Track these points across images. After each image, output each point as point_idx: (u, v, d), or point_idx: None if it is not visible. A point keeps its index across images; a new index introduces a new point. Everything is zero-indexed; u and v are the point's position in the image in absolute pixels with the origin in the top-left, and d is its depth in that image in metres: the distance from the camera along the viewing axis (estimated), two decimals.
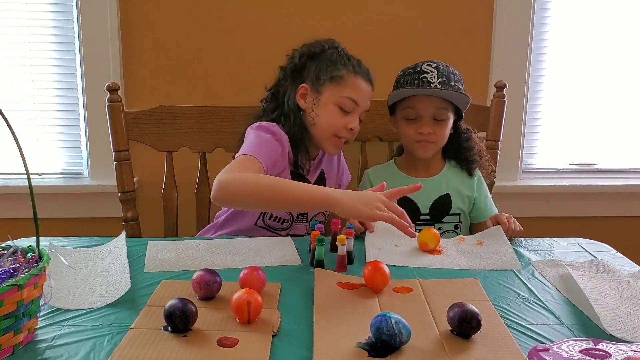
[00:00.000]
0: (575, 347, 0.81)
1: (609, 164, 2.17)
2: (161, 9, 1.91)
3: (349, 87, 1.41)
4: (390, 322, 0.82)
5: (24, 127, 1.96)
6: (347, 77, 1.41)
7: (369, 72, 1.46)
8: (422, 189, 1.44)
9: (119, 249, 1.19)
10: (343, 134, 1.42)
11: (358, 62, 1.46)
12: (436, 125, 1.46)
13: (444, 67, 1.46)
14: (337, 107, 1.41)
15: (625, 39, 2.06)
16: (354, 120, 1.42)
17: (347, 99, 1.40)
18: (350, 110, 1.41)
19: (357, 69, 1.43)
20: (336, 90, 1.41)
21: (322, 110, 1.42)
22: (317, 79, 1.43)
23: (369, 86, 1.45)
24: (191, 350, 0.82)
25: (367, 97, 1.44)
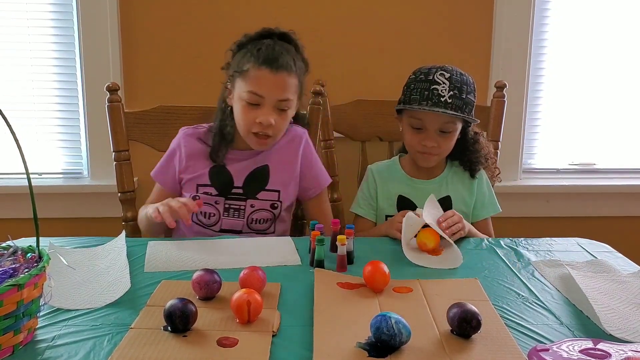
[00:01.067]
0: (575, 347, 0.81)
1: (609, 164, 2.17)
2: (161, 9, 1.91)
3: (252, 80, 1.35)
4: (390, 322, 0.82)
5: (24, 127, 1.96)
6: (251, 70, 1.35)
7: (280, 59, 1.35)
8: (423, 191, 1.48)
9: (119, 249, 1.19)
10: (256, 129, 1.38)
11: (269, 52, 1.36)
12: (441, 137, 1.42)
13: (457, 76, 1.40)
14: (245, 101, 1.37)
15: (625, 39, 2.06)
16: (262, 114, 1.35)
17: (250, 93, 1.35)
18: (257, 103, 1.36)
19: (263, 59, 1.34)
20: (242, 85, 1.37)
21: (235, 105, 1.41)
22: (231, 75, 1.41)
23: (280, 75, 1.35)
24: (191, 350, 0.82)
25: (275, 87, 1.36)
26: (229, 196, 1.46)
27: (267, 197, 1.47)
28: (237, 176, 1.46)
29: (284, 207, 1.49)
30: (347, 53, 1.97)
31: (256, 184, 1.47)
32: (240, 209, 1.47)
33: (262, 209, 1.47)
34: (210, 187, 1.46)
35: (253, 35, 1.42)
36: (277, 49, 1.37)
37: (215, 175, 1.46)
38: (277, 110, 1.38)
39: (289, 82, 1.37)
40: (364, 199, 1.55)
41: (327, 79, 1.72)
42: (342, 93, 1.78)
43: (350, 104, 1.76)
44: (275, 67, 1.35)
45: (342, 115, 1.75)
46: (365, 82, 1.96)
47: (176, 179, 1.49)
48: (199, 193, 1.46)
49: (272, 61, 1.35)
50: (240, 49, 1.42)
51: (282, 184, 1.48)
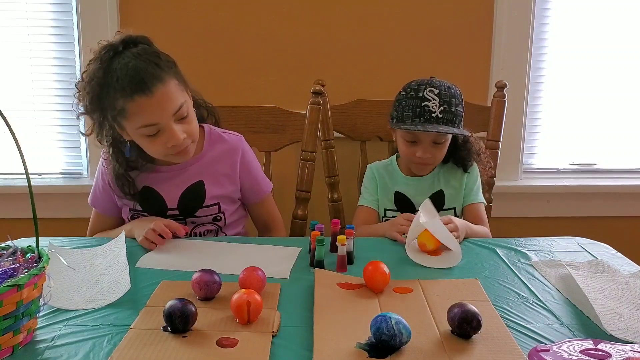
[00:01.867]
0: (575, 347, 0.81)
1: (609, 164, 2.17)
2: (161, 9, 1.91)
3: (135, 117, 1.21)
4: (390, 323, 0.82)
5: (24, 127, 1.96)
6: (126, 107, 1.20)
7: (148, 75, 1.20)
8: (417, 187, 1.54)
9: (119, 249, 1.19)
10: (171, 152, 1.28)
11: (131, 77, 1.19)
12: (435, 148, 1.47)
13: (445, 90, 1.43)
14: (144, 136, 1.25)
15: (626, 39, 2.06)
16: (169, 138, 1.24)
17: (144, 127, 1.23)
18: (157, 131, 1.24)
19: (131, 88, 1.19)
20: (129, 123, 1.24)
21: (139, 142, 1.28)
22: (112, 119, 1.25)
23: (158, 93, 1.20)
24: (191, 351, 0.82)
25: (160, 107, 1.22)
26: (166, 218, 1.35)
27: (206, 212, 1.39)
28: (170, 198, 1.37)
29: (228, 215, 1.43)
30: (347, 53, 1.97)
31: (192, 202, 1.38)
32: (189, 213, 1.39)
33: (204, 223, 1.40)
34: (143, 213, 1.38)
35: (100, 63, 1.22)
36: (133, 65, 1.20)
37: (146, 199, 1.37)
38: (180, 121, 1.26)
39: (169, 91, 1.23)
40: (368, 193, 1.59)
41: (327, 79, 1.72)
42: (342, 93, 1.78)
43: (350, 104, 1.76)
44: (147, 88, 1.19)
45: (342, 115, 1.75)
46: (365, 82, 1.96)
47: (113, 202, 1.41)
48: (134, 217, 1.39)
49: (139, 85, 1.19)
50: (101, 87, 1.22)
51: (220, 197, 1.40)
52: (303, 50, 1.95)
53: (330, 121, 1.72)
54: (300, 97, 1.67)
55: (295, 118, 1.65)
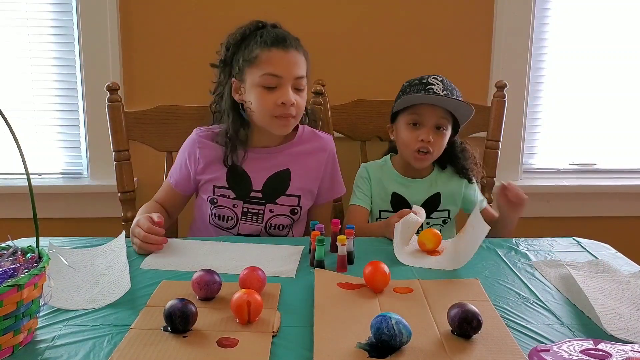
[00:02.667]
0: (575, 347, 0.81)
1: (609, 164, 2.17)
2: (161, 9, 1.91)
3: (264, 64, 1.34)
4: (390, 323, 0.82)
5: (24, 127, 1.96)
6: (261, 54, 1.34)
7: (288, 39, 1.36)
8: (415, 188, 1.56)
9: (119, 249, 1.19)
10: (278, 112, 1.35)
11: (275, 34, 1.37)
12: (436, 134, 1.49)
13: (447, 82, 1.49)
14: (261, 87, 1.35)
15: (626, 39, 2.06)
16: (283, 94, 1.34)
17: (266, 75, 1.34)
18: (275, 85, 1.34)
19: (271, 41, 1.35)
20: (254, 71, 1.35)
21: (251, 95, 1.37)
22: (239, 68, 1.38)
23: (291, 53, 1.36)
24: (191, 351, 0.82)
25: (290, 64, 1.35)
26: (247, 200, 1.43)
27: (286, 202, 1.45)
28: (256, 179, 1.43)
29: (303, 212, 1.48)
30: (347, 53, 1.97)
31: (276, 188, 1.44)
32: (258, 213, 1.44)
33: (281, 214, 1.45)
34: (228, 190, 1.43)
35: (247, 27, 1.41)
36: (279, 30, 1.39)
37: (233, 178, 1.43)
38: (295, 90, 1.37)
39: (300, 59, 1.38)
40: (361, 191, 1.58)
41: (327, 79, 1.72)
42: (342, 93, 1.78)
43: (350, 104, 1.76)
44: (286, 45, 1.35)
45: (342, 115, 1.75)
46: (365, 82, 1.96)
47: (191, 181, 1.47)
48: (216, 195, 1.44)
49: (280, 41, 1.35)
50: (240, 43, 1.39)
51: (302, 189, 1.46)
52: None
53: (330, 121, 1.72)
54: None
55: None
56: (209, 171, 1.44)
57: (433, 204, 1.56)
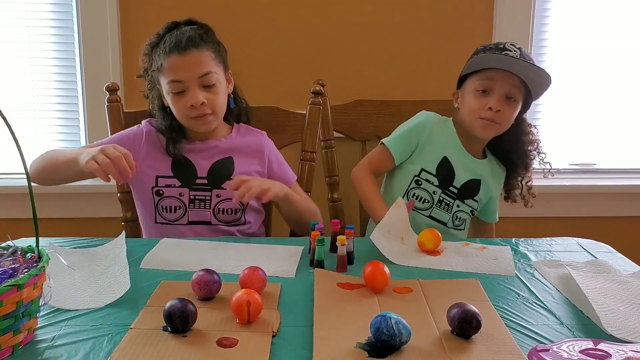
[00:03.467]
0: (575, 347, 0.81)
1: (609, 164, 2.17)
2: (161, 9, 1.91)
3: (167, 71, 1.38)
4: (390, 323, 0.82)
5: (24, 127, 1.96)
6: (164, 63, 1.38)
7: (189, 39, 1.37)
8: (466, 162, 1.49)
9: (119, 249, 1.19)
10: (192, 114, 1.39)
11: (175, 38, 1.37)
12: (507, 104, 1.41)
13: (526, 52, 1.41)
14: (171, 93, 1.39)
15: (626, 39, 2.06)
16: (190, 97, 1.37)
17: (171, 83, 1.38)
18: (182, 89, 1.38)
19: (169, 47, 1.37)
20: (163, 79, 1.40)
21: (168, 102, 1.42)
22: (153, 77, 1.44)
23: (190, 55, 1.36)
24: (191, 351, 0.82)
25: (189, 67, 1.37)
26: (193, 187, 1.45)
27: None
28: (200, 167, 1.46)
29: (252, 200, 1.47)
30: (347, 53, 1.97)
31: (221, 173, 1.46)
32: (205, 199, 1.46)
33: (228, 198, 1.45)
34: (173, 179, 1.45)
35: (161, 32, 1.44)
36: (180, 32, 1.39)
37: (177, 167, 1.45)
38: (204, 89, 1.39)
39: (201, 56, 1.38)
40: (405, 140, 1.51)
41: (327, 79, 1.72)
42: (342, 93, 1.78)
43: (350, 104, 1.76)
44: (182, 47, 1.36)
45: (342, 115, 1.75)
46: (365, 82, 1.96)
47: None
48: (160, 186, 1.45)
49: (177, 44, 1.36)
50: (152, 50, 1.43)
51: (248, 173, 1.46)
52: (303, 50, 1.95)
53: (330, 121, 1.72)
54: (300, 97, 1.67)
55: (295, 118, 1.65)
56: (152, 158, 1.46)
57: (472, 189, 1.49)
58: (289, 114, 1.66)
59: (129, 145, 1.42)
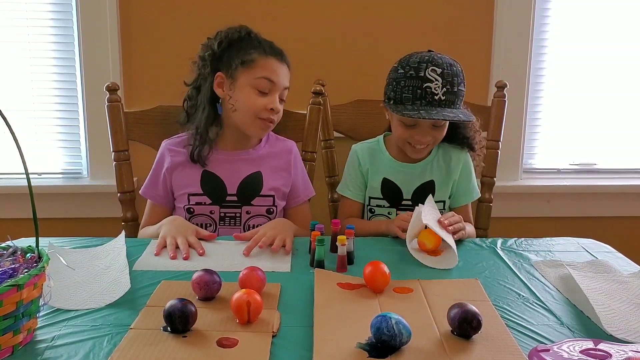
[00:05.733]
0: (575, 347, 0.81)
1: (609, 164, 2.17)
2: (161, 9, 1.91)
3: (261, 68, 1.40)
4: (390, 323, 0.82)
5: (24, 127, 1.96)
6: (258, 59, 1.41)
7: (283, 52, 1.45)
8: (408, 174, 1.50)
9: (119, 249, 1.19)
10: (265, 115, 1.41)
11: (270, 44, 1.45)
12: (435, 130, 1.41)
13: (447, 69, 1.36)
14: (254, 89, 1.40)
15: (626, 39, 2.06)
16: (273, 100, 1.41)
17: (262, 79, 1.40)
18: (268, 90, 1.41)
19: (268, 50, 1.43)
20: (250, 73, 1.40)
21: (240, 94, 1.41)
22: (230, 66, 1.42)
23: (284, 66, 1.44)
24: (191, 351, 0.82)
25: (282, 75, 1.43)
26: (224, 204, 1.45)
27: (262, 202, 1.47)
28: (230, 183, 1.45)
29: (279, 211, 1.50)
30: (347, 53, 1.97)
31: (250, 190, 1.46)
32: (236, 216, 1.46)
33: (258, 214, 1.47)
34: (203, 197, 1.45)
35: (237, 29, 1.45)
36: (275, 44, 1.45)
37: (207, 183, 1.45)
38: (279, 100, 1.44)
39: (288, 72, 1.46)
40: (353, 181, 1.54)
41: (327, 79, 1.72)
42: (342, 93, 1.78)
43: (350, 104, 1.76)
44: (281, 57, 1.44)
45: (342, 115, 1.75)
46: (365, 82, 1.96)
47: (168, 192, 1.48)
48: (191, 204, 1.44)
49: (278, 52, 1.44)
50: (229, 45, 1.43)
51: (275, 189, 1.48)
52: (303, 50, 1.95)
53: (330, 121, 1.72)
54: (300, 97, 1.67)
55: (295, 118, 1.65)
56: (182, 177, 1.45)
57: (426, 193, 1.46)
58: (289, 114, 1.65)
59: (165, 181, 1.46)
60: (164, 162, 1.48)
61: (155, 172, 1.49)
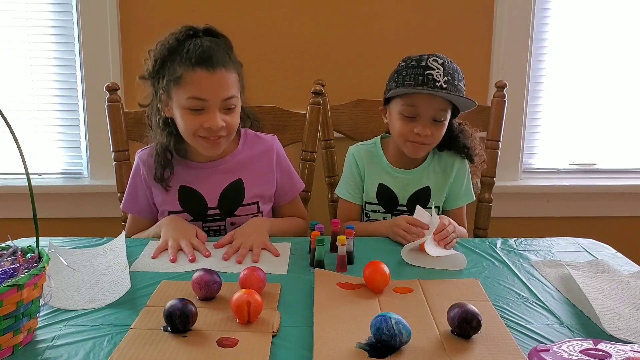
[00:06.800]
0: (575, 347, 0.81)
1: (609, 164, 2.17)
2: (161, 9, 1.91)
3: (189, 85, 1.25)
4: (390, 323, 0.82)
5: (24, 127, 1.96)
6: (185, 75, 1.25)
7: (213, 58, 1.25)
8: (404, 180, 1.49)
9: (119, 249, 1.19)
10: (204, 134, 1.28)
11: (202, 50, 1.25)
12: (434, 126, 1.40)
13: (449, 63, 1.38)
14: (187, 109, 1.27)
15: (625, 39, 2.06)
16: (209, 119, 1.26)
17: (191, 99, 1.25)
18: (202, 107, 1.26)
19: (196, 60, 1.24)
20: (180, 92, 1.27)
21: (177, 114, 1.30)
22: (166, 85, 1.29)
23: (218, 74, 1.26)
24: (191, 351, 0.82)
25: (216, 87, 1.26)
26: (206, 219, 1.39)
27: (246, 211, 1.41)
28: (210, 196, 1.38)
29: (266, 215, 1.45)
30: (347, 53, 1.97)
31: (232, 201, 1.39)
32: (220, 229, 1.41)
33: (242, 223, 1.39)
34: (184, 214, 1.38)
35: (176, 35, 1.30)
36: (207, 45, 1.27)
37: (185, 200, 1.38)
38: (224, 111, 1.29)
39: (229, 78, 1.28)
40: (351, 183, 1.53)
41: (327, 79, 1.72)
42: (342, 93, 1.78)
43: (350, 104, 1.76)
44: (211, 65, 1.25)
45: (342, 115, 1.75)
46: (365, 82, 1.96)
47: (150, 204, 1.42)
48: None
49: (206, 60, 1.25)
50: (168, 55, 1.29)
51: (259, 195, 1.43)
52: (303, 50, 1.95)
53: (330, 121, 1.72)
54: (300, 97, 1.67)
55: (295, 118, 1.65)
56: (159, 194, 1.39)
57: (421, 199, 1.47)
58: (289, 114, 1.65)
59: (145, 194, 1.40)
60: (140, 175, 1.41)
61: (132, 185, 1.43)
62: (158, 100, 1.33)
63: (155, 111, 1.36)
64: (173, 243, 1.22)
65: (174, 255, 1.19)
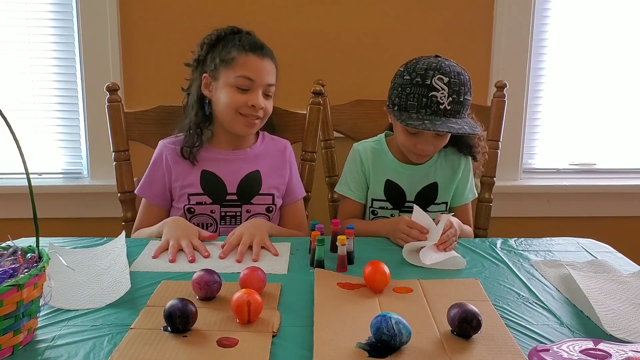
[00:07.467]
0: (575, 347, 0.81)
1: (609, 164, 2.17)
2: (161, 9, 1.91)
3: (240, 66, 1.40)
4: (390, 323, 0.82)
5: (24, 127, 1.96)
6: (238, 57, 1.41)
7: (264, 48, 1.44)
8: (412, 177, 1.49)
9: (119, 249, 1.19)
10: (245, 111, 1.41)
11: (252, 41, 1.44)
12: (437, 139, 1.40)
13: (455, 78, 1.33)
14: (234, 87, 1.40)
15: (625, 39, 2.06)
16: (253, 97, 1.40)
17: (241, 77, 1.40)
18: (248, 87, 1.40)
19: (248, 47, 1.42)
20: (229, 72, 1.41)
21: (222, 93, 1.42)
22: (214, 66, 1.43)
23: (266, 61, 1.43)
24: (191, 351, 0.82)
25: (263, 72, 1.42)
26: (224, 203, 1.46)
27: (262, 201, 1.48)
28: (230, 182, 1.46)
29: (277, 209, 1.51)
30: (347, 53, 1.97)
31: (250, 189, 1.47)
32: (236, 215, 1.47)
33: (258, 213, 1.47)
34: (203, 196, 1.45)
35: (223, 29, 1.46)
36: (257, 39, 1.46)
37: (207, 183, 1.45)
38: (264, 96, 1.43)
39: (273, 69, 1.45)
40: (354, 181, 1.52)
41: (327, 79, 1.72)
42: (342, 93, 1.78)
43: (350, 104, 1.76)
44: (262, 53, 1.42)
45: (342, 115, 1.75)
46: (365, 82, 1.96)
47: (166, 191, 1.48)
48: (191, 203, 1.44)
49: (258, 48, 1.42)
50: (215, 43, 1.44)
51: (275, 187, 1.49)
52: (303, 50, 1.95)
53: (330, 121, 1.72)
54: (300, 97, 1.67)
55: (295, 118, 1.65)
56: (181, 177, 1.46)
57: (429, 195, 1.48)
58: (289, 114, 1.66)
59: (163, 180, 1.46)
60: (162, 161, 1.47)
61: (151, 171, 1.49)
62: (199, 81, 1.46)
63: (195, 92, 1.47)
64: (174, 243, 1.23)
65: (174, 255, 1.20)
